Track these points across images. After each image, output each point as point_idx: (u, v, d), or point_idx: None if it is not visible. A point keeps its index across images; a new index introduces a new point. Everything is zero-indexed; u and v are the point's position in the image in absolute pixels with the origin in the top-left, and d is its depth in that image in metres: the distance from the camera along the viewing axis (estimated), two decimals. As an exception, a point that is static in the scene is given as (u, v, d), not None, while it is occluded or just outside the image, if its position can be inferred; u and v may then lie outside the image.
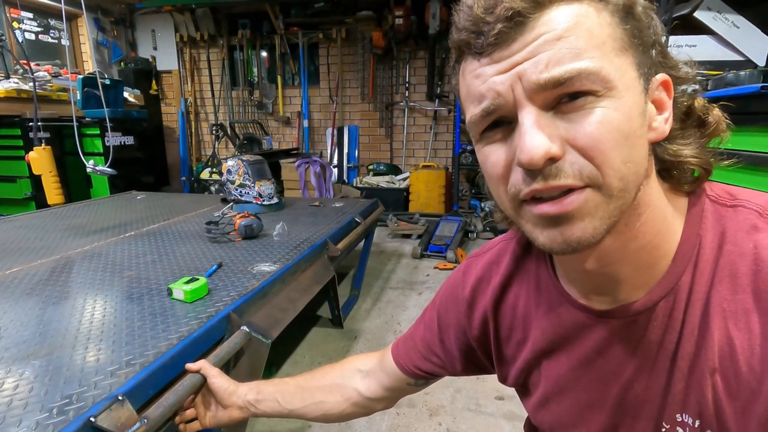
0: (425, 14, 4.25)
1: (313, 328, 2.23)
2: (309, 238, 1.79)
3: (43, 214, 2.38)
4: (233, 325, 1.07)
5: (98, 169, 1.99)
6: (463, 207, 4.56)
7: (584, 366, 0.47)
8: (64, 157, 3.66)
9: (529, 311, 0.52)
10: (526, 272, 0.53)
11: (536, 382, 0.53)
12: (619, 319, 0.43)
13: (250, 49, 5.10)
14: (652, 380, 0.42)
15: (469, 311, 0.59)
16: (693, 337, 0.39)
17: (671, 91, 0.40)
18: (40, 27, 4.30)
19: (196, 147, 5.53)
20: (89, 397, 0.74)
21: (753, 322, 0.36)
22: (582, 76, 0.34)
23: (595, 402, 0.47)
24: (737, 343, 0.36)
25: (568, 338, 0.48)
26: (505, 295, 0.55)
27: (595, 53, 0.34)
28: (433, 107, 4.73)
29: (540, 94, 0.35)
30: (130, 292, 1.21)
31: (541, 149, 0.34)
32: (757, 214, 0.39)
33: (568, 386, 0.49)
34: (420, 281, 2.88)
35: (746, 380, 0.36)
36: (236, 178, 2.31)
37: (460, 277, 0.61)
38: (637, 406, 0.43)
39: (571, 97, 0.35)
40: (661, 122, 0.39)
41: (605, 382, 0.45)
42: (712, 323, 0.38)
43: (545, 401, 0.52)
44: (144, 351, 0.89)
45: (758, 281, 0.36)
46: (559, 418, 0.51)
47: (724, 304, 0.37)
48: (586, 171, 0.35)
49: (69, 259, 1.53)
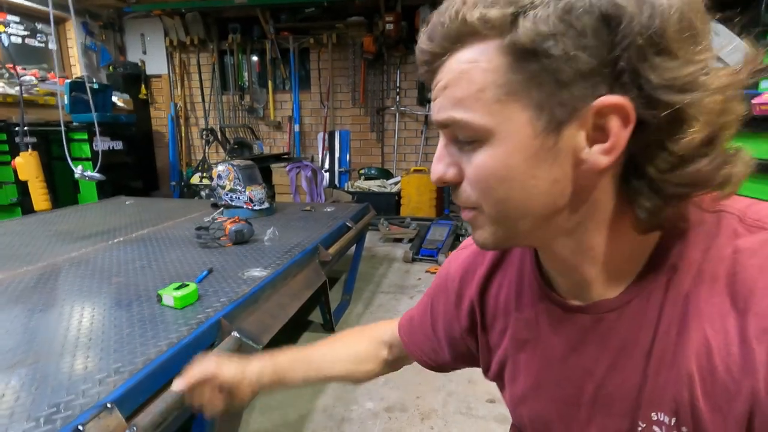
0: (415, 20, 4.29)
1: (305, 333, 2.22)
2: (300, 242, 1.79)
3: (30, 220, 2.35)
4: (223, 331, 1.06)
5: (86, 175, 1.97)
6: (454, 211, 4.57)
7: (560, 361, 0.48)
8: (51, 162, 3.61)
9: (510, 301, 0.54)
10: (511, 262, 0.55)
11: (514, 376, 0.54)
12: (591, 315, 0.45)
13: (241, 53, 5.09)
14: (626, 377, 0.43)
15: (457, 301, 0.60)
16: (668, 337, 0.40)
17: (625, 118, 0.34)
18: (26, 31, 4.25)
19: (186, 152, 5.49)
20: (77, 405, 0.73)
21: (729, 324, 0.37)
22: (458, 124, 0.38)
23: (572, 398, 0.47)
24: (713, 344, 0.37)
25: (544, 332, 0.49)
26: (490, 284, 0.56)
27: (470, 103, 0.37)
28: (424, 112, 4.76)
29: (441, 130, 0.41)
30: (118, 299, 1.20)
31: (435, 175, 0.42)
32: (738, 219, 0.40)
33: (545, 382, 0.50)
34: (412, 285, 2.88)
35: (722, 380, 0.37)
36: (227, 183, 2.30)
37: (449, 268, 0.62)
38: (610, 403, 0.44)
39: (462, 139, 0.39)
40: (594, 153, 0.36)
41: (580, 378, 0.46)
42: (690, 324, 0.39)
43: (524, 397, 0.53)
44: (133, 358, 0.88)
45: (735, 284, 0.37)
46: (537, 414, 0.52)
47: (702, 307, 0.38)
48: (471, 200, 0.41)
49: (56, 266, 1.51)
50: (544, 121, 0.35)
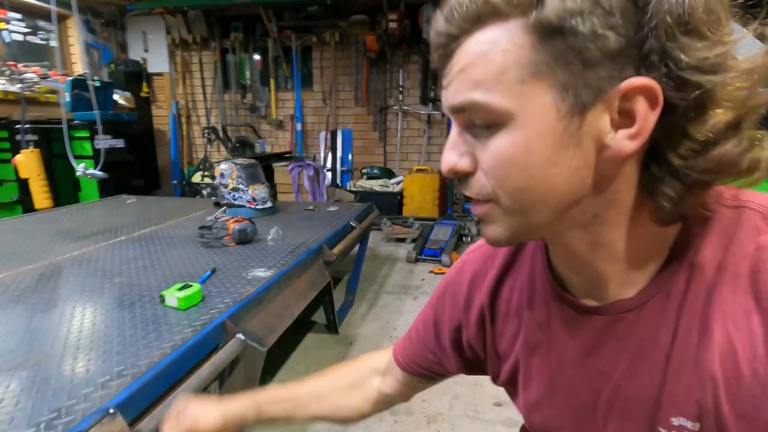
0: (419, 18, 4.27)
1: (308, 334, 2.20)
2: (304, 242, 1.77)
3: (30, 218, 2.33)
4: (228, 332, 1.04)
5: (88, 173, 1.95)
6: (457, 211, 4.56)
7: (574, 365, 0.46)
8: (52, 160, 3.60)
9: (522, 304, 0.52)
10: (522, 264, 0.53)
11: (527, 382, 0.52)
12: (607, 315, 0.43)
13: (243, 52, 5.07)
14: (644, 380, 0.41)
15: (466, 307, 0.58)
16: (689, 337, 0.38)
17: (653, 100, 0.33)
18: (28, 28, 4.23)
19: (187, 150, 5.47)
20: (79, 410, 0.71)
21: (754, 323, 0.35)
22: (477, 107, 0.36)
23: (587, 403, 0.46)
24: (738, 345, 0.36)
25: (558, 334, 0.48)
26: (501, 288, 0.54)
27: (490, 84, 0.35)
28: (427, 111, 4.74)
29: (455, 116, 0.39)
30: (121, 300, 1.18)
31: (447, 165, 0.39)
32: (761, 216, 0.38)
33: (559, 387, 0.48)
34: (415, 285, 2.86)
35: (748, 383, 0.35)
36: (229, 182, 2.28)
37: (456, 273, 0.60)
38: (628, 407, 0.43)
39: (479, 128, 0.37)
40: (618, 138, 0.34)
41: (596, 382, 0.45)
42: (713, 325, 0.37)
43: (537, 403, 0.51)
44: (136, 361, 0.86)
45: (759, 283, 0.36)
46: (551, 420, 0.50)
47: (725, 305, 0.37)
48: (485, 191, 0.39)
49: (57, 265, 1.49)
50: (568, 103, 0.34)
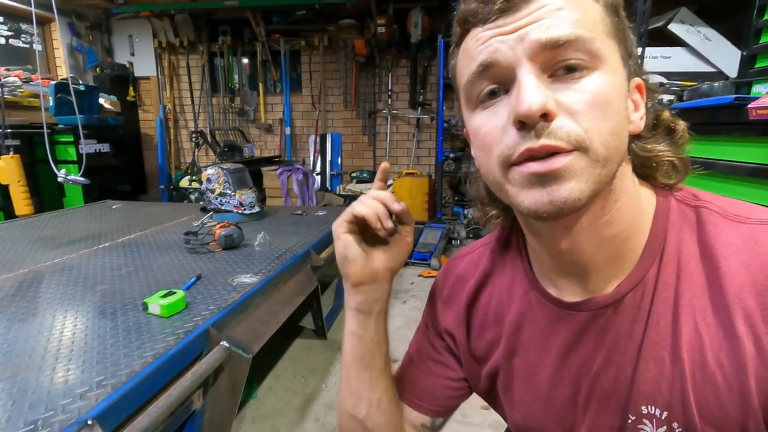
0: (407, 23, 4.29)
1: (296, 340, 2.18)
2: (291, 247, 1.76)
3: (11, 225, 2.28)
4: (212, 340, 1.03)
5: (69, 179, 1.92)
6: (446, 214, 4.57)
7: (556, 362, 0.47)
8: (35, 165, 3.52)
9: (502, 308, 0.52)
10: (503, 270, 0.54)
11: (509, 383, 0.52)
12: (587, 311, 0.44)
13: (231, 55, 5.04)
14: (620, 372, 0.42)
15: (447, 306, 0.58)
16: (659, 328, 0.40)
17: (644, 95, 0.44)
18: (10, 31, 4.15)
19: (175, 155, 5.41)
20: (56, 422, 0.70)
21: (719, 317, 0.37)
22: (579, 41, 0.36)
23: (569, 399, 0.47)
24: (705, 338, 0.38)
25: (540, 334, 0.48)
26: (479, 296, 0.55)
27: (590, 27, 0.37)
28: (416, 115, 4.76)
29: (539, 55, 0.36)
30: (102, 308, 1.16)
31: (538, 101, 0.35)
32: (719, 214, 0.41)
33: (540, 385, 0.49)
34: (405, 289, 2.86)
35: (712, 373, 0.37)
36: (216, 187, 2.26)
37: (441, 277, 0.61)
38: (605, 399, 0.44)
39: (566, 70, 0.37)
40: (636, 118, 0.43)
41: (577, 377, 0.46)
42: (681, 317, 0.39)
43: (520, 402, 0.52)
44: (116, 371, 0.84)
45: (720, 278, 0.38)
46: (534, 417, 0.51)
47: (693, 300, 0.39)
48: (573, 134, 0.36)
49: (38, 273, 1.46)
50: (626, 71, 0.41)
